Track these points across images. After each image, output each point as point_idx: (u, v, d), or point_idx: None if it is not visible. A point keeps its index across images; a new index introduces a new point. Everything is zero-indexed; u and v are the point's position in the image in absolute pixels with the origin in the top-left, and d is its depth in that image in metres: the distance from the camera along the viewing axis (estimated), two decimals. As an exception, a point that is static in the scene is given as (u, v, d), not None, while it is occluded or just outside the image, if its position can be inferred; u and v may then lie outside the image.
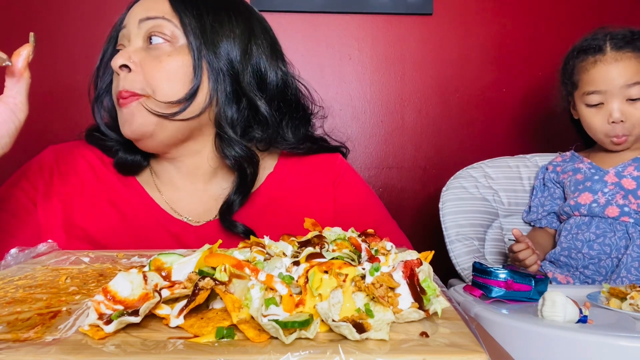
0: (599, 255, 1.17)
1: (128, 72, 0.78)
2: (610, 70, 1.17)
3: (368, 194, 0.96)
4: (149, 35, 0.79)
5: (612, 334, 0.65)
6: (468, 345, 0.34)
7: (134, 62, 0.77)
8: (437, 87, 1.65)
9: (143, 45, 0.79)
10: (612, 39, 1.19)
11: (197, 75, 0.78)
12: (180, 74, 0.78)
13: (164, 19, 0.79)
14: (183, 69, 0.78)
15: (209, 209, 0.87)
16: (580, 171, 1.28)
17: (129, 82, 0.77)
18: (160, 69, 0.77)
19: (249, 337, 0.35)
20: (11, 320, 0.39)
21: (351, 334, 0.35)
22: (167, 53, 0.78)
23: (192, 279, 0.41)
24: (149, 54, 0.78)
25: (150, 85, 0.77)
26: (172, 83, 0.78)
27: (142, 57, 0.78)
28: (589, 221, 1.20)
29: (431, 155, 1.66)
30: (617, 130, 1.18)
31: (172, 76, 0.78)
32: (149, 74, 0.77)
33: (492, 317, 0.75)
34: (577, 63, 1.24)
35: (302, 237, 0.53)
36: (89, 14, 1.54)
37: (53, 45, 1.53)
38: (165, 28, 0.79)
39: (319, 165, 0.93)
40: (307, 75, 0.97)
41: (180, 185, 0.88)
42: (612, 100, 1.17)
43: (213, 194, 0.88)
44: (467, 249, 1.29)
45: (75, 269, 0.58)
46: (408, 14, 1.61)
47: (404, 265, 0.42)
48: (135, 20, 0.80)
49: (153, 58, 0.78)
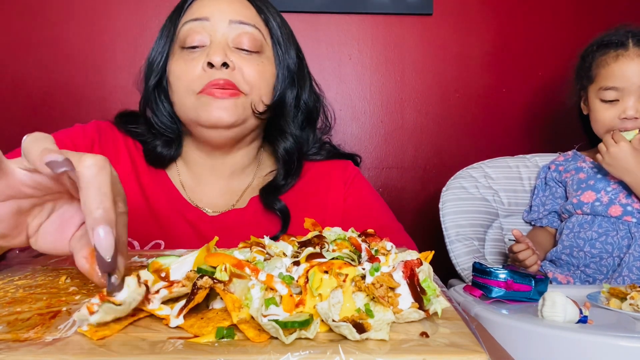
0: (601, 253, 1.17)
1: (226, 68, 0.82)
2: (632, 67, 1.17)
3: (375, 198, 0.99)
4: (239, 40, 0.85)
5: (612, 334, 0.65)
6: (468, 346, 0.34)
7: (232, 61, 0.83)
8: (437, 87, 1.65)
9: (231, 45, 0.85)
10: (634, 36, 1.20)
11: (282, 84, 0.89)
12: (268, 81, 0.88)
13: (255, 27, 0.87)
14: (270, 76, 0.88)
15: (227, 201, 0.93)
16: (583, 170, 1.28)
17: (233, 78, 0.83)
18: (257, 73, 0.85)
19: (249, 337, 0.35)
20: (11, 320, 0.39)
21: (351, 334, 0.35)
22: (260, 60, 0.87)
23: (191, 277, 0.41)
24: (243, 57, 0.85)
25: (250, 86, 0.85)
26: (267, 88, 0.88)
27: (238, 59, 0.84)
28: (592, 220, 1.20)
29: (431, 155, 1.66)
30: (627, 125, 1.18)
31: (267, 82, 0.87)
32: (248, 77, 0.84)
33: (492, 317, 0.75)
34: (598, 56, 1.24)
35: (302, 237, 0.53)
36: (87, 13, 1.54)
37: (52, 45, 1.53)
38: (257, 37, 0.86)
39: (334, 168, 0.98)
40: (307, 75, 0.98)
41: (204, 179, 0.94)
42: (628, 97, 1.18)
43: (233, 188, 0.94)
44: (467, 249, 1.29)
45: (75, 269, 0.58)
46: (408, 14, 1.61)
47: (404, 265, 0.42)
48: (224, 18, 0.85)
49: (248, 62, 0.85)
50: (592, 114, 1.25)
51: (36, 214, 0.47)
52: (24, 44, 1.52)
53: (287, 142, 0.92)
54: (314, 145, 0.99)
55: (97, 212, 0.39)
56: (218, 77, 0.81)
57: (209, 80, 0.82)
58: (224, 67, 0.82)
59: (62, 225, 0.48)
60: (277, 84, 0.89)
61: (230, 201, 0.93)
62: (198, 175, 0.94)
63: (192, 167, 0.94)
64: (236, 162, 0.94)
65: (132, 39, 1.56)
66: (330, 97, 1.61)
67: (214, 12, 0.85)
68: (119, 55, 1.57)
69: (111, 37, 1.56)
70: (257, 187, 0.94)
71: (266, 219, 0.90)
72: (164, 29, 0.90)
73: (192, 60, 0.84)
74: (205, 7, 0.86)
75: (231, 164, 0.94)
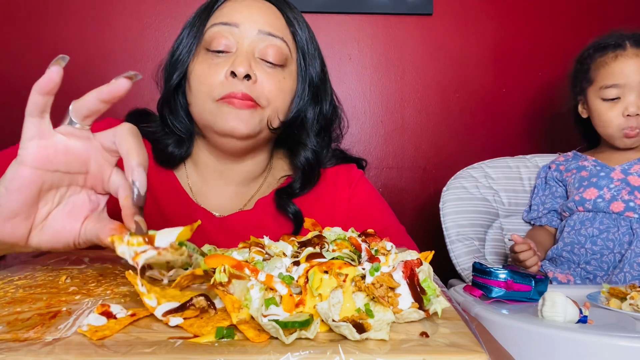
0: (602, 250, 1.17)
1: (247, 80, 0.81)
2: (631, 65, 1.20)
3: (379, 200, 0.99)
4: (265, 52, 0.83)
5: (612, 334, 0.65)
6: (468, 345, 0.34)
7: (254, 74, 0.81)
8: (437, 87, 1.65)
9: (257, 55, 0.83)
10: (631, 38, 1.22)
11: (302, 100, 0.88)
12: (289, 96, 0.87)
13: (283, 40, 0.84)
14: (290, 91, 0.87)
15: (235, 205, 0.92)
16: (586, 168, 1.28)
17: (253, 91, 0.81)
18: (279, 89, 0.84)
19: (249, 338, 0.35)
20: (11, 320, 0.39)
21: (351, 334, 0.35)
22: (283, 76, 0.85)
23: (174, 247, 0.45)
24: (266, 71, 0.83)
25: (268, 101, 0.83)
26: (284, 103, 0.86)
27: (261, 72, 0.82)
28: (593, 217, 1.21)
29: (431, 155, 1.66)
30: (631, 123, 1.19)
31: (285, 97, 0.86)
32: (269, 91, 0.83)
33: (492, 317, 0.75)
34: (596, 58, 1.26)
35: (302, 237, 0.53)
36: (89, 13, 1.54)
37: (52, 45, 1.53)
38: (283, 51, 0.84)
39: (340, 172, 0.99)
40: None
41: (212, 182, 0.92)
42: (629, 94, 1.19)
43: (242, 194, 0.93)
44: (467, 249, 1.29)
45: (75, 269, 0.58)
46: (408, 14, 1.61)
47: (404, 265, 0.42)
48: (254, 28, 0.83)
49: (270, 76, 0.83)
50: (596, 116, 1.26)
51: (49, 200, 0.50)
52: (24, 44, 1.52)
53: (307, 152, 0.92)
54: (328, 156, 0.99)
55: (140, 156, 0.48)
56: (238, 89, 0.80)
57: (229, 91, 0.80)
58: (246, 78, 0.81)
59: (71, 214, 0.51)
60: (296, 99, 0.88)
61: (238, 205, 0.92)
62: (206, 178, 0.93)
63: (201, 170, 0.93)
64: (247, 170, 0.93)
65: (132, 39, 1.57)
66: (330, 97, 1.62)
67: (244, 19, 0.83)
68: (118, 55, 1.57)
69: (111, 37, 1.56)
70: (266, 191, 0.94)
71: (273, 221, 0.90)
72: (191, 26, 0.87)
73: (215, 65, 0.82)
74: (237, 13, 0.84)
75: (242, 171, 0.92)
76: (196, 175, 0.93)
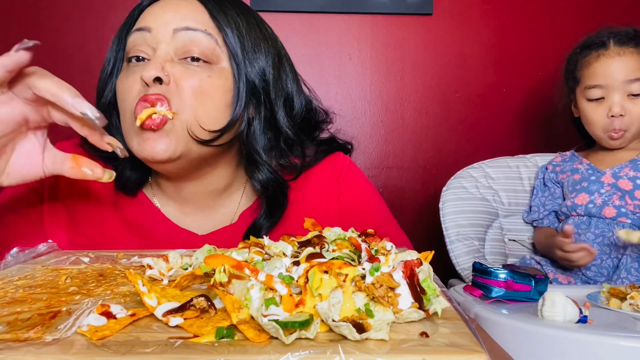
0: (600, 255, 1.17)
1: (160, 84, 0.69)
2: (613, 64, 1.19)
3: (370, 192, 0.94)
4: (186, 49, 0.71)
5: (612, 334, 0.65)
6: (468, 345, 0.34)
7: (167, 75, 0.69)
8: (437, 87, 1.65)
9: (175, 57, 0.72)
10: (615, 36, 1.21)
11: (239, 103, 0.73)
12: (219, 99, 0.72)
13: (206, 32, 0.72)
14: (223, 95, 0.73)
15: (216, 223, 0.84)
16: (578, 171, 1.28)
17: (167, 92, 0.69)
18: (198, 88, 0.70)
19: (249, 338, 0.35)
20: (11, 320, 0.39)
21: (351, 334, 0.35)
22: (208, 74, 0.72)
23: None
24: (186, 70, 0.71)
25: (183, 103, 0.70)
26: (206, 107, 0.71)
27: (177, 72, 0.70)
28: (588, 221, 1.21)
29: (431, 155, 1.66)
30: (615, 124, 1.19)
31: (212, 101, 0.72)
32: (183, 90, 0.70)
33: (492, 317, 0.75)
34: (581, 58, 1.25)
35: (302, 237, 0.53)
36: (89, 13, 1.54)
37: (52, 46, 1.53)
38: (207, 44, 0.72)
39: (324, 166, 0.91)
40: (307, 76, 0.97)
41: (183, 208, 0.84)
42: (613, 94, 1.19)
43: (220, 207, 0.85)
44: (467, 249, 1.29)
45: (75, 269, 0.58)
46: (408, 14, 1.61)
47: (404, 265, 0.42)
48: (168, 28, 0.71)
49: (189, 74, 0.70)
50: (583, 115, 1.26)
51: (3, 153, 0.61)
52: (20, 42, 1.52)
53: (262, 173, 0.78)
54: (310, 157, 0.87)
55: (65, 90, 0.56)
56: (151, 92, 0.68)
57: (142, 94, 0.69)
58: (157, 82, 0.68)
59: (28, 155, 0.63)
60: (233, 102, 0.74)
61: (221, 223, 0.84)
62: (178, 196, 0.83)
63: (167, 193, 0.83)
64: (210, 189, 0.82)
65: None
66: (330, 97, 1.62)
67: (156, 22, 0.72)
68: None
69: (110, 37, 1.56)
70: (247, 203, 0.86)
71: None
72: (117, 37, 0.79)
73: (133, 75, 0.72)
74: (150, 16, 0.73)
75: (203, 191, 0.81)
76: (165, 199, 0.84)
